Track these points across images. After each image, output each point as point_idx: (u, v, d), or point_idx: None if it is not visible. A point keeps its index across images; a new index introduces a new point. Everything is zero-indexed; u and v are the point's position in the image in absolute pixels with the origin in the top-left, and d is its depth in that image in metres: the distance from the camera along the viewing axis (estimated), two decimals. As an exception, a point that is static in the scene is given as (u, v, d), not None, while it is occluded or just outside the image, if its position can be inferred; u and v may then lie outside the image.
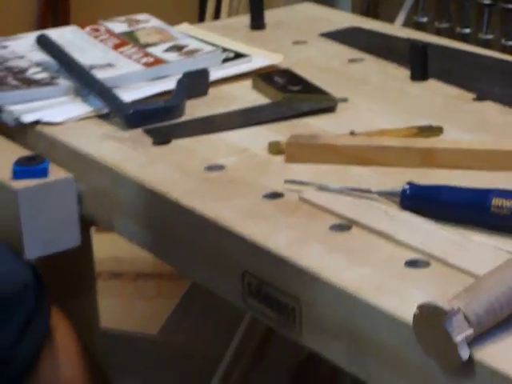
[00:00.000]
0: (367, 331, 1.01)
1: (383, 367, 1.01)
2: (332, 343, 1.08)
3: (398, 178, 1.19)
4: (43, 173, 1.34)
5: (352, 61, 1.65)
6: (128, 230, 1.35)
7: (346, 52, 1.68)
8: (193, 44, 1.65)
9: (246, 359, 1.77)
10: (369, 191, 1.19)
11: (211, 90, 1.54)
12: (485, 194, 1.11)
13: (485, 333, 0.92)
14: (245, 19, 1.83)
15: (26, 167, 1.30)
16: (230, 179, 1.28)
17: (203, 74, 1.54)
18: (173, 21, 1.77)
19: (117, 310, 2.17)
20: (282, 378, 1.80)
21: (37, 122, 1.46)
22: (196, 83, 1.52)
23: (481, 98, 1.47)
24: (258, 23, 1.79)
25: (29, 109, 1.48)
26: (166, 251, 1.31)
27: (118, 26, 1.72)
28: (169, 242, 1.28)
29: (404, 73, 1.56)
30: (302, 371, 1.81)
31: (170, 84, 1.52)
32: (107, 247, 1.61)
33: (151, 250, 1.36)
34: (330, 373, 1.77)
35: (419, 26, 2.03)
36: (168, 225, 1.27)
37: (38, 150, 1.40)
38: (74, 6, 2.65)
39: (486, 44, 1.89)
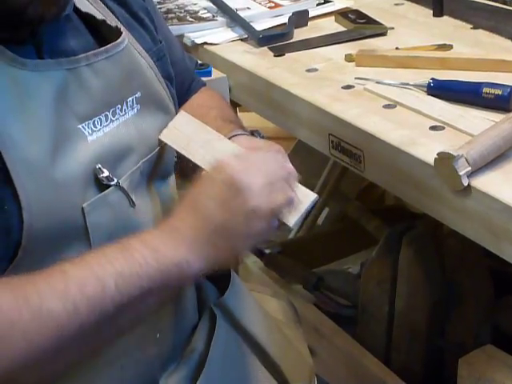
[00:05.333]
0: (406, 169, 0.99)
1: (414, 189, 0.98)
2: (383, 175, 1.06)
3: (425, 76, 1.15)
4: (209, 73, 1.33)
5: (396, 4, 1.58)
6: (259, 108, 1.33)
7: (392, -1, 1.62)
8: (298, -5, 1.60)
9: (330, 185, 1.76)
10: (407, 84, 1.15)
11: (309, 23, 1.49)
12: (479, 85, 1.07)
13: (478, 170, 0.90)
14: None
15: (199, 70, 1.28)
16: (321, 77, 1.24)
17: (305, 12, 1.49)
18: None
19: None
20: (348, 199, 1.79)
21: (204, 43, 1.44)
22: (300, 18, 1.47)
23: (476, 27, 1.40)
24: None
25: (199, 35, 1.46)
26: (281, 120, 1.28)
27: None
28: (282, 114, 1.25)
29: (428, 12, 1.49)
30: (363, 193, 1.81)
31: (284, 19, 1.48)
32: (246, 120, 1.59)
33: (272, 120, 1.33)
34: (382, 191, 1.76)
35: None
36: (281, 104, 1.24)
37: (204, 60, 1.38)
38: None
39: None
